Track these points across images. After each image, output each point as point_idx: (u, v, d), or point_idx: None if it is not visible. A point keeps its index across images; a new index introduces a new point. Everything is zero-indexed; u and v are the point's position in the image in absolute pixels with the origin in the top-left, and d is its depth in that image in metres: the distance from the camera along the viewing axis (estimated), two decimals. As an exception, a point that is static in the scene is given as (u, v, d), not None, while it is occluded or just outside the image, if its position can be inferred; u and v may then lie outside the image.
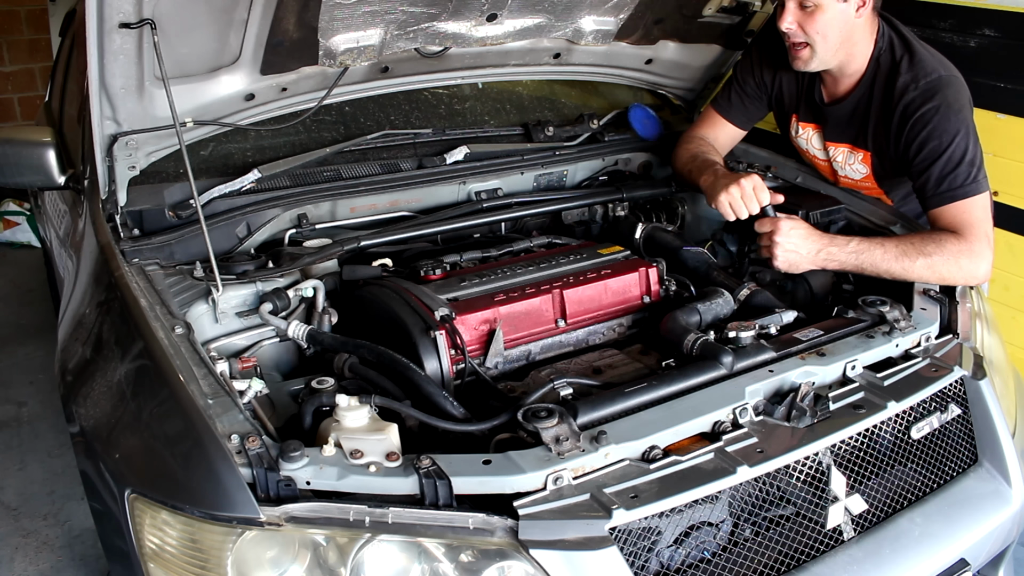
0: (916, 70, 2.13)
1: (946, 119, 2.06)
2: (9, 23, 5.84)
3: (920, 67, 2.14)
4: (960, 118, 2.07)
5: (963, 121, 2.07)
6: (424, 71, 2.39)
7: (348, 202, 2.31)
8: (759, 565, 1.51)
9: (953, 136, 2.05)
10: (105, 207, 2.02)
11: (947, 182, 2.05)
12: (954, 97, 2.09)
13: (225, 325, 1.87)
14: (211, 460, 1.36)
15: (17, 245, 5.38)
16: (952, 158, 2.04)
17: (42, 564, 2.75)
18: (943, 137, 2.06)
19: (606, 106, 2.96)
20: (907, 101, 2.12)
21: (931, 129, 2.08)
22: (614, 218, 2.59)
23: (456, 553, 1.32)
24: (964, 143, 2.05)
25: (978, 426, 1.85)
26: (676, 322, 1.87)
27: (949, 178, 2.05)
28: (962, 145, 2.04)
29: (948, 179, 2.05)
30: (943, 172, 2.05)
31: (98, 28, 1.68)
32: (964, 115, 2.08)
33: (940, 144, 2.06)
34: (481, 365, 1.85)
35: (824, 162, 2.48)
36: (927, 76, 2.12)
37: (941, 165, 2.05)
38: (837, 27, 2.13)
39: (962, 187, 2.04)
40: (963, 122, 2.07)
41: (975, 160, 2.05)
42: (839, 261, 2.05)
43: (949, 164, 2.05)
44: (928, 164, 2.08)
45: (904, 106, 2.13)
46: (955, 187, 2.04)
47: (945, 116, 2.07)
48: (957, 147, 2.04)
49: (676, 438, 1.51)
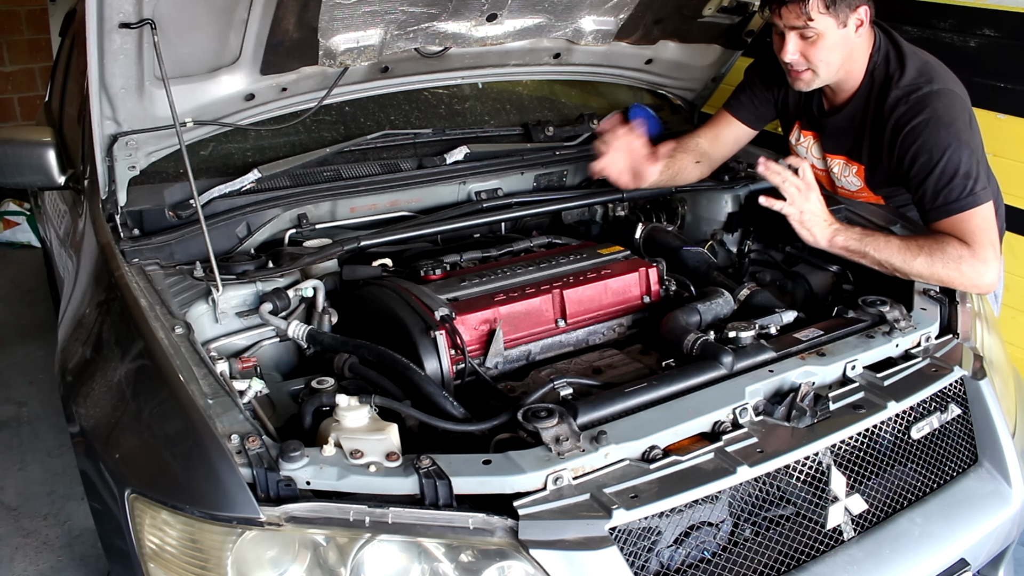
0: (907, 83, 2.12)
1: (935, 132, 2.04)
2: (9, 23, 5.84)
3: (911, 80, 2.12)
4: (951, 131, 2.03)
5: (954, 134, 2.03)
6: (424, 71, 2.39)
7: (348, 202, 2.31)
8: (759, 565, 1.51)
9: (944, 150, 2.02)
10: (105, 207, 2.02)
11: (942, 196, 2.02)
12: (944, 110, 2.06)
13: (225, 325, 1.87)
14: (211, 460, 1.36)
15: (17, 245, 5.38)
16: (945, 172, 2.01)
17: (42, 564, 2.75)
18: (933, 151, 2.03)
19: (606, 106, 2.96)
20: (898, 115, 2.11)
21: (921, 143, 2.05)
22: (614, 218, 2.59)
23: (456, 553, 1.32)
24: (957, 156, 2.01)
25: (978, 426, 1.85)
26: (676, 322, 1.87)
27: (944, 192, 2.01)
28: (955, 159, 2.01)
29: (943, 193, 2.02)
30: (937, 187, 2.03)
31: (98, 28, 1.68)
32: (956, 128, 2.04)
33: (931, 158, 2.03)
34: (481, 365, 1.85)
35: (822, 171, 2.48)
36: (917, 90, 2.10)
37: (935, 180, 2.03)
38: (839, 50, 2.12)
39: (957, 201, 2.00)
40: (954, 135, 2.03)
41: (971, 172, 2.00)
42: (844, 243, 2.03)
43: (942, 179, 2.02)
44: (922, 179, 2.05)
45: (895, 120, 2.11)
46: (950, 201, 2.01)
47: (935, 130, 2.04)
48: (949, 161, 2.01)
49: (676, 438, 1.51)
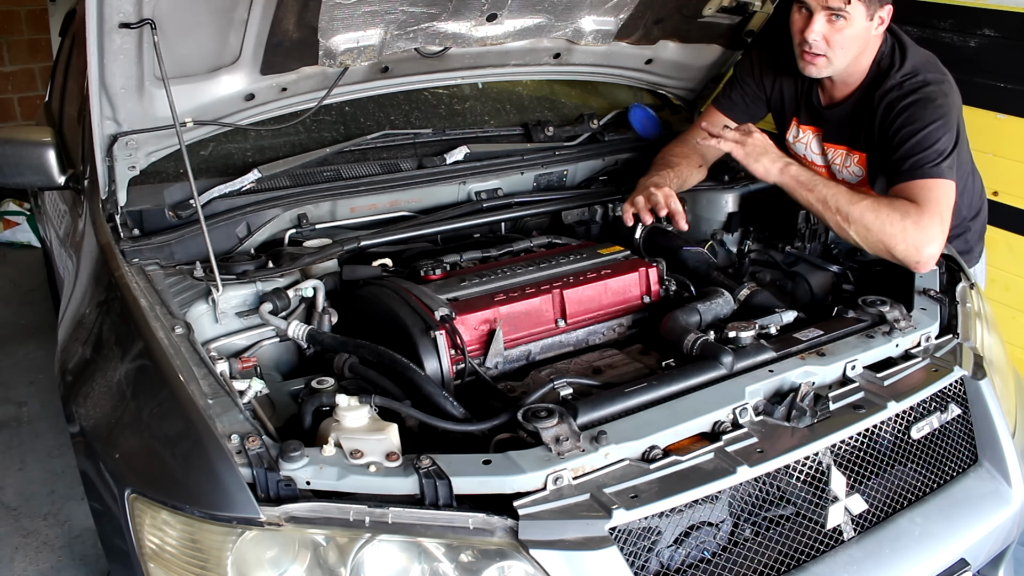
0: (904, 74, 2.16)
1: (923, 108, 2.09)
2: (9, 23, 5.84)
3: (909, 70, 2.16)
4: (940, 111, 2.09)
5: (943, 115, 2.08)
6: (424, 71, 2.39)
7: (348, 202, 2.31)
8: (759, 565, 1.51)
9: (928, 123, 2.07)
10: (105, 207, 2.02)
11: (910, 161, 2.06)
12: (935, 94, 2.11)
13: (225, 325, 1.87)
14: (211, 460, 1.36)
15: (17, 245, 5.38)
16: (921, 142, 2.06)
17: (42, 564, 2.75)
18: (917, 123, 2.08)
19: (606, 106, 2.96)
20: (890, 99, 2.15)
21: (907, 116, 2.10)
22: (614, 218, 2.58)
23: (456, 553, 1.32)
24: (938, 133, 2.06)
25: (978, 426, 1.85)
26: (676, 322, 1.87)
27: (915, 158, 2.06)
28: (935, 134, 2.06)
29: (912, 159, 2.06)
30: (910, 152, 2.07)
31: (98, 28, 1.68)
32: (944, 110, 2.09)
33: (913, 129, 2.08)
34: (481, 365, 1.85)
35: (822, 167, 2.48)
36: (913, 76, 2.15)
37: (909, 146, 2.07)
38: (859, 42, 2.15)
39: (922, 168, 2.05)
40: (942, 115, 2.08)
41: (945, 151, 2.05)
42: (796, 174, 2.11)
43: (917, 147, 2.06)
44: (899, 145, 2.10)
45: (887, 103, 2.16)
46: (917, 167, 2.05)
47: (922, 106, 2.09)
48: (930, 134, 2.06)
49: (676, 438, 1.51)
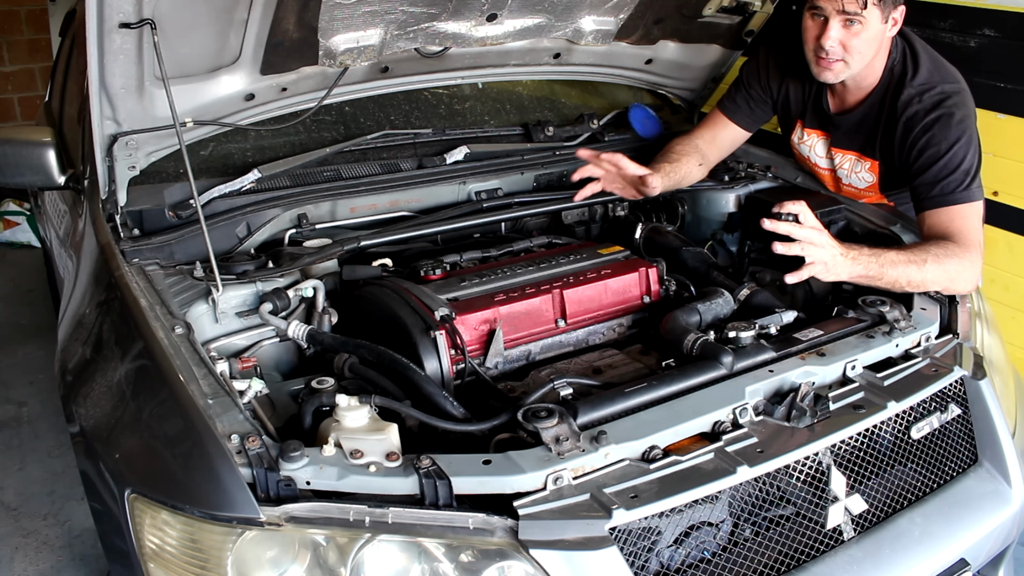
0: (922, 84, 2.16)
1: (947, 127, 2.09)
2: (9, 23, 5.84)
3: (926, 81, 2.16)
4: (961, 127, 2.09)
5: (964, 130, 2.08)
6: (424, 71, 2.39)
7: (348, 202, 2.31)
8: (759, 565, 1.50)
9: (953, 143, 2.07)
10: (105, 207, 2.02)
11: (940, 187, 2.07)
12: (957, 108, 2.11)
13: (225, 325, 1.87)
14: (211, 460, 1.36)
15: (17, 245, 5.38)
16: (949, 164, 2.06)
17: (42, 564, 2.75)
18: (942, 144, 2.08)
19: (606, 106, 2.96)
20: (911, 113, 2.14)
21: (931, 135, 2.10)
22: (614, 218, 2.59)
23: (456, 553, 1.32)
24: (963, 152, 2.06)
25: (978, 426, 1.85)
26: (676, 322, 1.86)
27: (943, 183, 2.06)
28: (960, 153, 2.06)
29: (942, 183, 2.06)
30: (938, 176, 2.07)
31: (98, 28, 1.68)
32: (965, 124, 2.10)
33: (939, 150, 2.08)
34: (481, 365, 1.85)
35: (826, 171, 2.47)
36: (931, 88, 2.14)
37: (937, 170, 2.07)
38: (874, 45, 2.14)
39: (953, 193, 2.05)
40: (964, 131, 2.08)
41: (971, 170, 2.06)
42: (865, 271, 1.91)
43: (944, 170, 2.06)
44: (925, 168, 2.10)
45: (908, 117, 2.15)
46: (947, 192, 2.06)
47: (946, 124, 2.09)
48: (955, 154, 2.06)
49: (676, 438, 1.51)
